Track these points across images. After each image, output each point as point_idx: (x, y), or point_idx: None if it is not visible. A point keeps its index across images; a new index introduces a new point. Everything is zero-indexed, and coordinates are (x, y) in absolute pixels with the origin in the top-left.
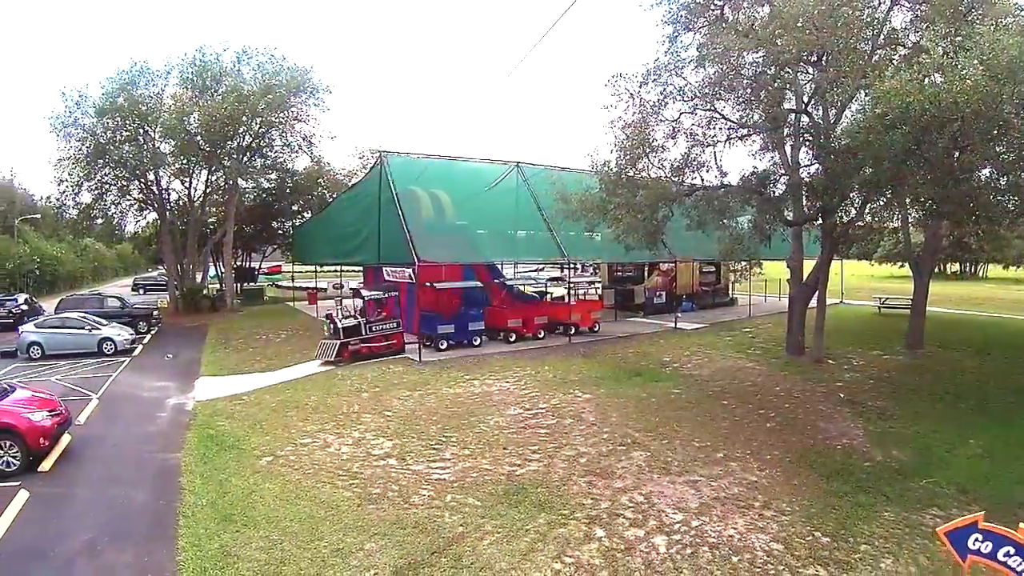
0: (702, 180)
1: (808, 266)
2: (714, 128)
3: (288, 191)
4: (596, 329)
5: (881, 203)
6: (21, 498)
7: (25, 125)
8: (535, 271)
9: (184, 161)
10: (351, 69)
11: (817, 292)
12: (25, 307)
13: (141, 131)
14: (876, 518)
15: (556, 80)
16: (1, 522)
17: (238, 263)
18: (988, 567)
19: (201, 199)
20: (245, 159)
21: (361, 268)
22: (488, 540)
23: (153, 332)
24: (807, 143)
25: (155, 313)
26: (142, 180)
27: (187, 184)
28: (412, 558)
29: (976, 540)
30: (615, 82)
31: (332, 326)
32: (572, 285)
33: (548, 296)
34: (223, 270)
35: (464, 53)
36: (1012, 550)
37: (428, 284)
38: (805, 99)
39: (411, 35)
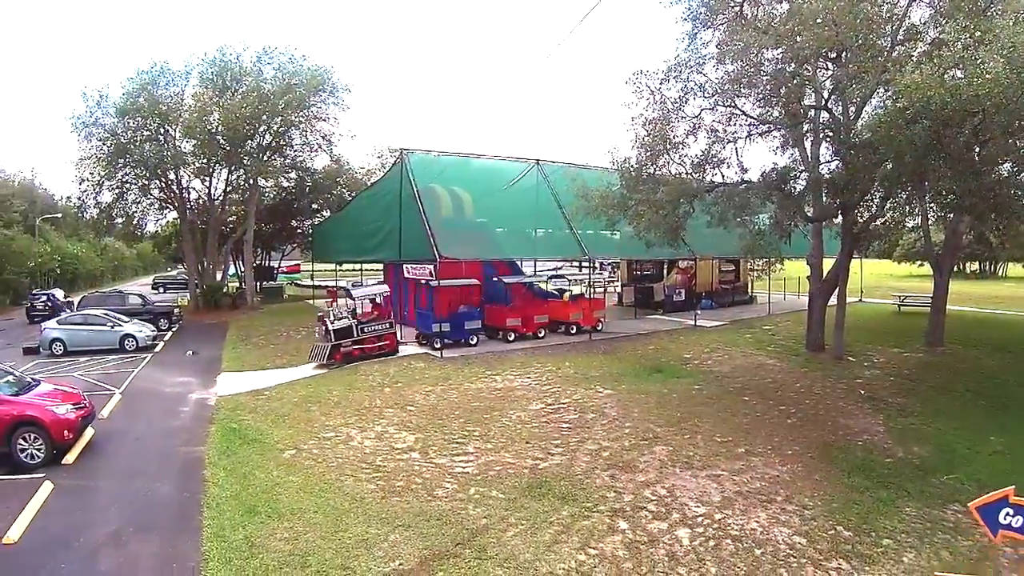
0: (723, 176)
1: (828, 264)
2: (735, 124)
3: (307, 190)
4: (600, 328)
5: (902, 197)
6: (45, 489)
7: (46, 126)
8: (554, 269)
9: (204, 160)
10: (370, 67)
11: (837, 289)
12: (47, 303)
13: (162, 131)
14: (897, 513)
15: (573, 78)
16: (26, 513)
17: (257, 262)
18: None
19: (221, 198)
20: (265, 158)
21: (381, 266)
22: (512, 532)
23: (174, 329)
24: (827, 139)
25: (176, 310)
26: (162, 179)
27: (207, 183)
28: (437, 549)
29: (1007, 515)
30: (636, 79)
31: (324, 328)
32: (580, 282)
33: (568, 293)
34: (243, 268)
35: (483, 51)
36: None
37: (424, 282)
38: (825, 95)
39: (429, 34)
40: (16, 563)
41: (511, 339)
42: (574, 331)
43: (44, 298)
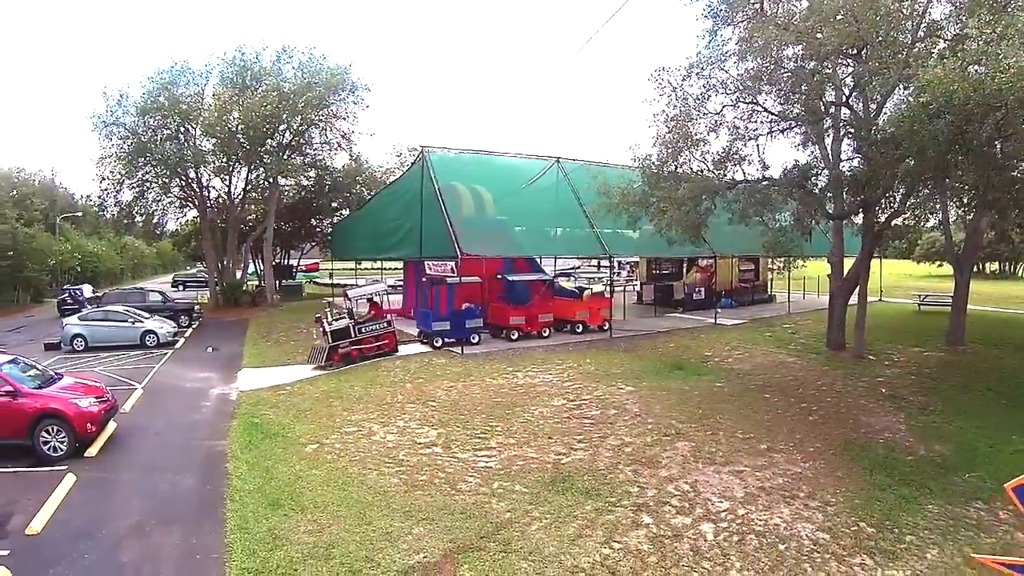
0: (744, 173)
1: (848, 263)
2: (756, 121)
3: (327, 189)
4: (606, 327)
5: (924, 194)
6: (68, 482)
7: (66, 125)
8: (574, 268)
9: (224, 159)
10: (388, 66)
11: (858, 288)
12: (68, 297)
13: (182, 129)
14: (920, 511)
15: (593, 75)
16: (49, 504)
17: (276, 260)
18: None
19: (241, 196)
20: (285, 156)
21: (401, 264)
22: (536, 526)
23: (194, 326)
24: (850, 135)
25: (196, 307)
26: (183, 178)
27: (227, 182)
28: (461, 542)
29: None
30: (658, 75)
31: (321, 329)
32: (599, 279)
33: (588, 292)
34: (262, 267)
35: (502, 49)
36: None
37: (424, 279)
38: (846, 92)
39: (448, 33)
40: (39, 553)
41: (514, 337)
42: (580, 330)
43: (65, 294)
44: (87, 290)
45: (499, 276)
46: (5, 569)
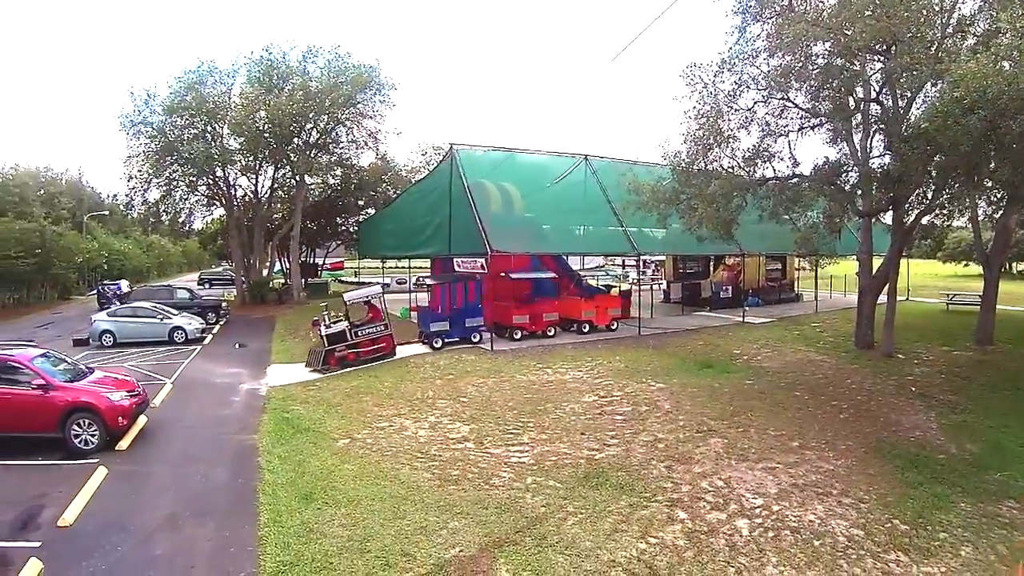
0: (774, 170)
1: (876, 262)
2: (786, 117)
3: (353, 187)
4: (614, 328)
5: (956, 188)
6: (100, 474)
7: (93, 125)
8: (598, 266)
9: (251, 158)
10: (417, 64)
11: (887, 286)
12: (99, 293)
13: (209, 129)
14: (953, 508)
15: (620, 72)
16: (81, 496)
17: (302, 259)
18: None
19: (268, 195)
20: (311, 155)
21: (428, 261)
22: (571, 520)
23: (222, 323)
24: (880, 131)
25: (223, 305)
26: (210, 176)
27: (254, 180)
28: (496, 536)
29: None
30: (690, 72)
31: (319, 333)
32: (625, 277)
33: (616, 289)
34: (288, 265)
35: (530, 46)
36: None
37: (426, 277)
38: (876, 88)
39: (476, 31)
40: (71, 545)
41: (517, 337)
42: (586, 330)
43: (113, 288)
44: (124, 285)
45: (503, 274)
46: (37, 561)
